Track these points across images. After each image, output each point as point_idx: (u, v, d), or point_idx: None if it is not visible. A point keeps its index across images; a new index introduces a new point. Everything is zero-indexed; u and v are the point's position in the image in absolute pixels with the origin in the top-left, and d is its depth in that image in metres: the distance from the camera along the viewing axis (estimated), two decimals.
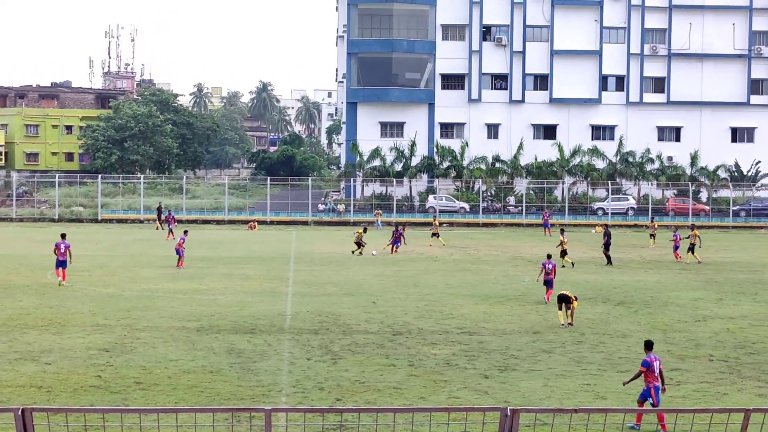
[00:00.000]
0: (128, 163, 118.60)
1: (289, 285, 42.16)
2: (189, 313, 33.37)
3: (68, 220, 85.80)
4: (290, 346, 27.91)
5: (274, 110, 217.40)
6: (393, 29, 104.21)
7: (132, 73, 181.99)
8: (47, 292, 38.82)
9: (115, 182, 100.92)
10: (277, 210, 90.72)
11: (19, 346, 27.38)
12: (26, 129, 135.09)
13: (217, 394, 22.24)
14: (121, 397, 21.79)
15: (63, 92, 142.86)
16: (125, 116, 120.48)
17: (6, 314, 32.78)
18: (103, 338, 28.72)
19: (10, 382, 23.15)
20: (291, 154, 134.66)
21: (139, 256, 54.49)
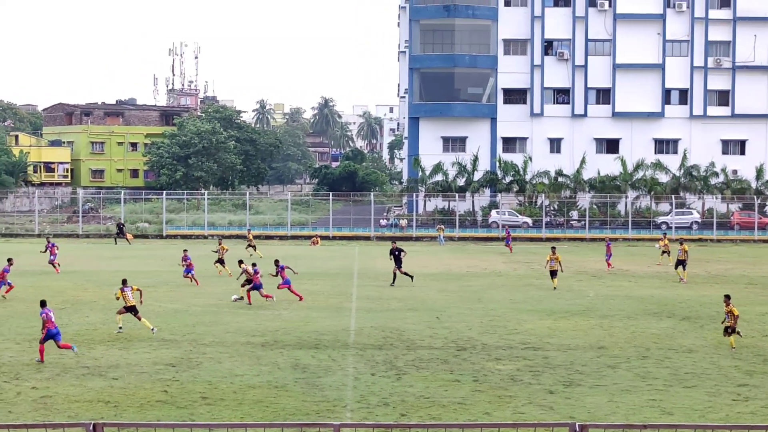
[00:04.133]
0: (192, 180, 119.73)
1: (352, 300, 42.26)
2: (254, 329, 33.56)
3: (134, 236, 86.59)
4: (355, 362, 27.95)
5: (336, 126, 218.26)
6: (455, 44, 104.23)
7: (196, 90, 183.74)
8: (114, 307, 39.14)
9: (179, 198, 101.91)
10: (339, 225, 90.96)
11: (87, 361, 27.70)
12: (92, 146, 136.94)
13: (282, 409, 22.33)
14: (187, 413, 21.96)
15: (128, 110, 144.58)
16: (189, 133, 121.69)
17: (74, 329, 33.18)
18: (169, 353, 28.97)
19: (78, 397, 23.42)
20: (353, 170, 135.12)
21: (203, 272, 54.83)
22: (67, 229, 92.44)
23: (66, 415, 21.62)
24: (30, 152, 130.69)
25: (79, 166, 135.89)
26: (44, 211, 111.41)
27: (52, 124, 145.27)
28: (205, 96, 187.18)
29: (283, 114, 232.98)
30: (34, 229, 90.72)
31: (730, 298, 31.03)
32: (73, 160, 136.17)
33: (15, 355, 28.41)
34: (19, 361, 27.52)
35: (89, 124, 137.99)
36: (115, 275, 51.23)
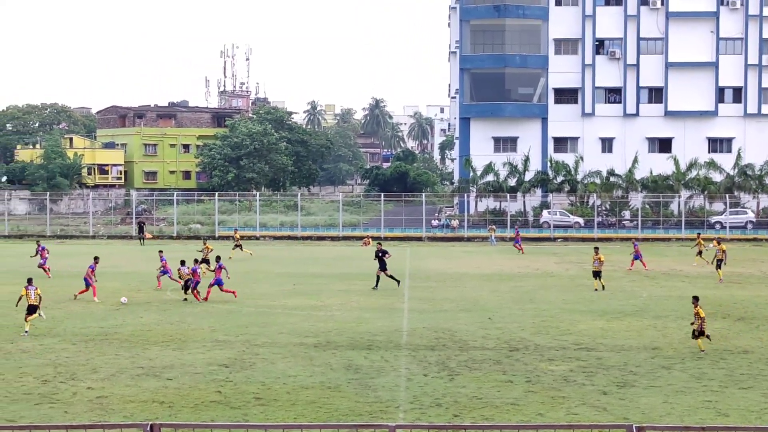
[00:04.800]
0: (244, 181, 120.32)
1: (404, 301, 42.27)
2: (307, 329, 33.68)
3: (186, 237, 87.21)
4: (407, 362, 27.97)
5: (387, 126, 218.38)
6: (505, 44, 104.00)
7: (247, 91, 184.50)
8: (168, 308, 39.56)
9: (231, 200, 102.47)
10: (390, 226, 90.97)
11: (142, 361, 27.92)
12: (145, 148, 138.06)
13: (335, 410, 22.40)
14: (241, 413, 22.08)
15: (180, 112, 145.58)
16: (241, 135, 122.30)
17: (129, 330, 33.48)
18: (223, 354, 29.13)
19: (133, 397, 23.63)
20: (404, 170, 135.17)
21: (255, 273, 55.14)
22: (120, 231, 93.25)
23: (121, 415, 21.82)
24: (84, 154, 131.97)
25: (133, 168, 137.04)
26: (98, 212, 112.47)
27: (106, 126, 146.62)
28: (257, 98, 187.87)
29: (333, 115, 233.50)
30: (89, 231, 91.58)
31: (699, 299, 30.58)
32: (126, 162, 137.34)
33: (71, 356, 28.69)
34: (75, 362, 27.80)
35: (142, 126, 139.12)
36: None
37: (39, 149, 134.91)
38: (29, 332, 32.42)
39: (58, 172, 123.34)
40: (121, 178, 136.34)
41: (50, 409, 22.37)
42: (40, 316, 33.60)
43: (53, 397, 23.55)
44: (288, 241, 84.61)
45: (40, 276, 52.04)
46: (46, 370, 26.60)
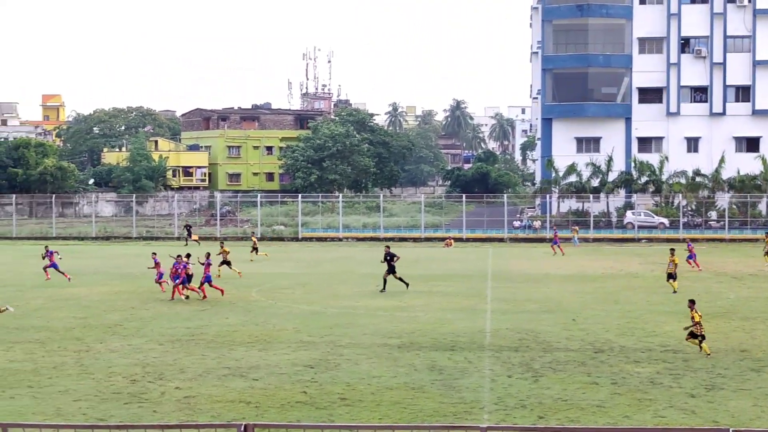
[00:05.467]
0: (327, 182, 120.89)
1: (487, 302, 42.19)
2: (390, 330, 33.76)
3: (270, 239, 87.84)
4: (491, 363, 27.92)
5: (468, 127, 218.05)
6: (588, 44, 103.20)
7: (329, 93, 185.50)
8: (253, 309, 39.91)
9: (314, 201, 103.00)
10: (472, 227, 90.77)
11: (228, 362, 28.20)
12: (229, 150, 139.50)
13: (420, 410, 22.43)
14: (326, 413, 22.21)
15: (263, 114, 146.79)
16: (323, 136, 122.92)
17: (214, 331, 33.84)
18: (308, 355, 29.32)
19: (220, 397, 23.88)
20: (485, 171, 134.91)
21: (339, 274, 55.40)
22: (205, 232, 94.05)
23: (209, 415, 22.07)
24: (169, 157, 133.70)
25: (216, 170, 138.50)
26: (183, 214, 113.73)
27: (190, 129, 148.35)
28: (338, 99, 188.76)
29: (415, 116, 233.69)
30: (174, 233, 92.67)
31: (695, 303, 30.04)
32: (210, 164, 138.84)
33: (159, 356, 29.08)
34: (163, 362, 28.16)
35: (226, 128, 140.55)
36: (253, 277, 52.19)
37: (125, 152, 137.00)
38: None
39: (144, 174, 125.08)
40: (205, 180, 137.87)
41: (139, 408, 22.69)
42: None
43: (142, 396, 23.89)
44: (370, 242, 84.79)
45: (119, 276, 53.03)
46: (135, 370, 27.00)
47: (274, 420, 21.40)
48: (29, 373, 26.59)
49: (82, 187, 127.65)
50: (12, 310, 36.70)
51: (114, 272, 52.68)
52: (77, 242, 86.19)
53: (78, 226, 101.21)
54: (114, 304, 40.88)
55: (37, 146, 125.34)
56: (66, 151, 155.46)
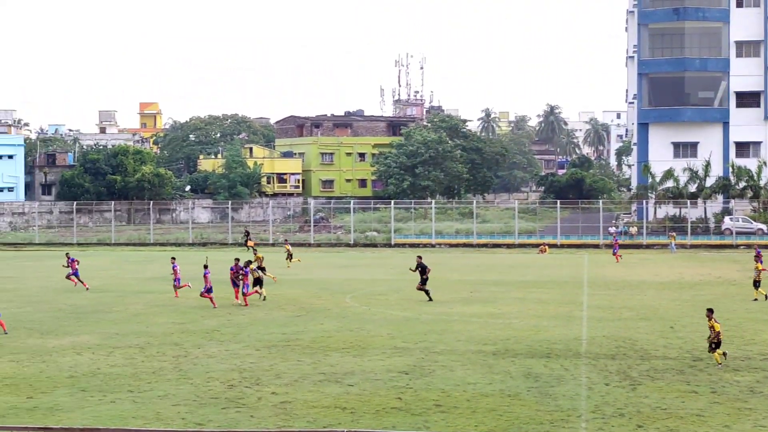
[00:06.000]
0: (419, 189, 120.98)
1: (583, 309, 41.84)
2: (485, 337, 33.66)
3: (363, 245, 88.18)
4: (587, 371, 27.68)
5: (562, 133, 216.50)
6: (685, 48, 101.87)
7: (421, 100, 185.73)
8: (347, 315, 40.08)
9: (407, 207, 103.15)
10: (567, 233, 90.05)
11: (323, 367, 28.34)
12: (322, 157, 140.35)
13: (516, 418, 22.31)
14: (421, 420, 22.20)
15: (356, 121, 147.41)
16: (416, 143, 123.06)
17: (310, 337, 34.04)
18: (402, 361, 29.35)
19: (315, 402, 24.00)
20: (580, 177, 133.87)
21: (432, 280, 55.13)
22: (299, 239, 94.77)
23: (305, 420, 22.20)
24: (263, 164, 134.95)
25: (310, 177, 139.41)
26: (277, 220, 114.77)
27: (284, 136, 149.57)
28: (431, 106, 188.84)
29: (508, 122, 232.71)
30: (269, 239, 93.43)
31: (713, 312, 29.29)
32: (304, 170, 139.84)
33: (255, 361, 29.34)
34: (260, 367, 28.41)
35: (319, 135, 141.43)
36: (347, 283, 52.44)
37: (220, 159, 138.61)
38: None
39: (239, 181, 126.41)
40: (299, 187, 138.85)
41: (237, 413, 22.91)
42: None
43: (239, 401, 24.12)
44: (463, 249, 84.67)
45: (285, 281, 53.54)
46: (232, 375, 27.28)
47: (369, 426, 21.44)
48: (129, 378, 27.02)
49: (179, 193, 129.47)
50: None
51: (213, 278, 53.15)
52: (174, 248, 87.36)
53: (175, 232, 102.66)
54: (211, 310, 41.36)
55: (135, 153, 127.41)
56: (163, 158, 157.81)
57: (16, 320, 38.66)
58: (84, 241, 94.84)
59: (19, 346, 32.34)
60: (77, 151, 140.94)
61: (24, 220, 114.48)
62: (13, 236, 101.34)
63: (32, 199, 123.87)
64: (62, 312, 41.45)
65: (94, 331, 35.80)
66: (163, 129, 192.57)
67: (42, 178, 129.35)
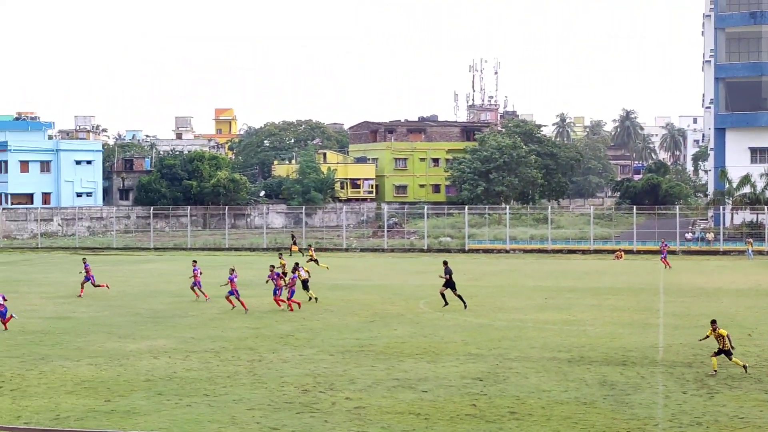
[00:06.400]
0: (493, 194, 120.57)
1: (659, 316, 41.40)
2: (559, 344, 33.46)
3: (436, 251, 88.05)
4: (664, 379, 27.40)
5: (638, 138, 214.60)
6: (762, 52, 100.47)
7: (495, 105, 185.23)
8: (421, 321, 40.08)
9: (481, 213, 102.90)
10: (643, 239, 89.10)
11: (397, 373, 28.35)
12: (395, 162, 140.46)
13: (591, 426, 22.14)
14: (496, 427, 22.13)
15: (430, 126, 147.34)
16: (490, 148, 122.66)
17: (383, 342, 34.08)
18: (476, 367, 29.27)
19: (389, 408, 24.03)
20: (656, 182, 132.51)
21: (506, 287, 55.18)
22: (372, 244, 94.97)
23: (379, 426, 22.22)
24: (337, 169, 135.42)
25: (383, 182, 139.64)
26: (350, 226, 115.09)
27: (358, 141, 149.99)
28: (505, 111, 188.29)
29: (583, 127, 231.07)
30: (342, 244, 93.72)
31: (716, 322, 28.87)
32: (377, 176, 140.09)
33: (329, 367, 29.45)
34: (334, 372, 28.50)
35: (393, 141, 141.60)
36: (421, 289, 52.44)
37: (294, 164, 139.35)
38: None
39: (313, 186, 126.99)
40: (373, 192, 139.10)
41: (311, 418, 23.01)
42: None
43: (313, 406, 24.22)
44: (538, 255, 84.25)
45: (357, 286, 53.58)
46: (306, 380, 27.40)
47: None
48: (205, 382, 27.25)
49: (254, 198, 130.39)
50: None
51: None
52: (249, 253, 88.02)
53: (250, 237, 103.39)
54: (285, 315, 41.58)
55: (210, 159, 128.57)
56: (238, 163, 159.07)
57: (94, 324, 39.25)
58: (160, 245, 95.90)
59: (98, 350, 32.79)
60: (154, 157, 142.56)
61: (102, 225, 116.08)
62: (91, 241, 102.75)
63: (110, 204, 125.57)
64: (140, 316, 41.95)
65: (171, 335, 36.19)
66: (238, 135, 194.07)
67: (120, 184, 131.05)
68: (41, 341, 34.77)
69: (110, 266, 70.44)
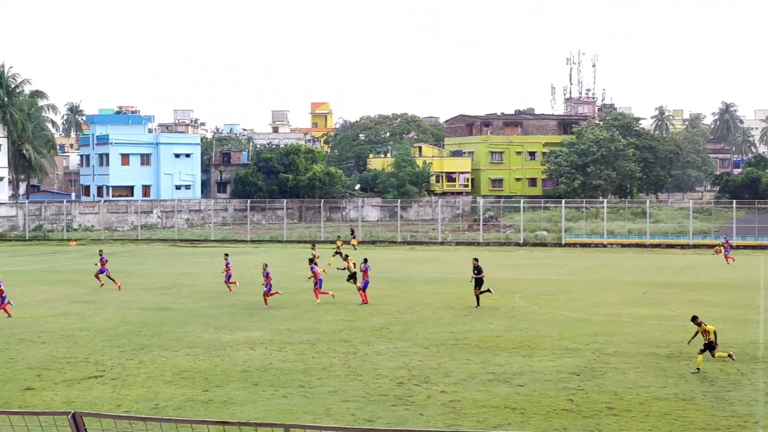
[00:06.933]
0: (590, 188, 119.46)
1: (759, 312, 40.60)
2: (657, 339, 32.97)
3: (532, 244, 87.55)
4: (765, 376, 26.85)
5: (738, 131, 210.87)
6: None
7: (593, 98, 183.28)
8: (516, 315, 39.81)
9: (578, 207, 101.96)
10: (743, 234, 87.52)
11: (492, 367, 28.17)
12: (491, 156, 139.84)
13: (690, 423, 21.77)
14: (593, 422, 21.85)
15: (526, 119, 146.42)
16: (587, 141, 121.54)
17: (478, 336, 33.91)
18: (573, 362, 28.97)
19: (484, 402, 23.88)
20: (756, 177, 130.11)
21: (603, 281, 54.55)
22: (467, 237, 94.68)
23: (474, 420, 22.10)
24: (432, 162, 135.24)
25: (479, 176, 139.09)
26: (446, 219, 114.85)
27: (453, 135, 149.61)
28: (603, 104, 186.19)
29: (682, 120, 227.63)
30: (437, 237, 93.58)
31: (698, 318, 28.56)
32: (473, 169, 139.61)
33: (423, 360, 29.39)
34: (428, 366, 28.43)
35: (488, 134, 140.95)
36: (516, 283, 52.12)
37: (390, 158, 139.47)
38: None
39: (408, 179, 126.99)
40: (468, 186, 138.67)
41: (405, 411, 22.96)
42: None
43: (408, 399, 24.17)
44: (635, 249, 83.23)
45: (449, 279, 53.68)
46: (401, 373, 27.37)
47: (539, 428, 21.23)
48: (300, 373, 27.38)
49: (349, 192, 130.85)
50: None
51: (379, 276, 53.57)
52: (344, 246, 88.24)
53: (344, 230, 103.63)
54: (379, 308, 41.59)
55: (306, 152, 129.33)
56: (333, 157, 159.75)
57: (192, 315, 39.71)
58: (257, 238, 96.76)
59: (195, 341, 33.16)
60: (251, 150, 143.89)
61: (200, 217, 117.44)
62: (189, 233, 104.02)
63: (208, 197, 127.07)
64: (236, 308, 42.33)
65: (266, 326, 36.44)
66: (334, 128, 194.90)
67: (217, 177, 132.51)
68: (141, 332, 35.27)
69: (208, 258, 71.22)
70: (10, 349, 31.71)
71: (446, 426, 21.36)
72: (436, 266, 64.51)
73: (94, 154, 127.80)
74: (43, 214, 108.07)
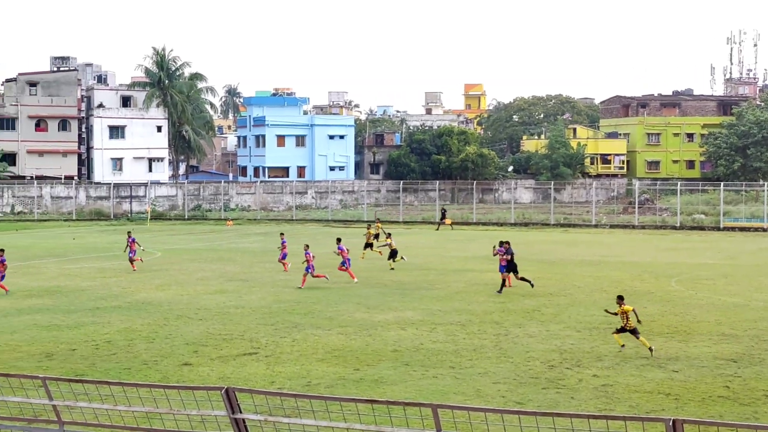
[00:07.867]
0: (751, 171, 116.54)
1: None
2: None
3: (689, 228, 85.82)
4: None
5: None
6: None
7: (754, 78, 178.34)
8: (672, 299, 39.01)
9: (737, 190, 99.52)
10: None
11: (646, 351, 27.57)
12: (647, 138, 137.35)
13: None
14: (751, 410, 21.25)
15: (684, 100, 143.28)
16: (748, 123, 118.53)
17: None
18: (730, 348, 28.24)
19: (638, 387, 23.45)
20: None
21: (763, 266, 53.07)
22: (622, 220, 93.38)
23: (627, 404, 21.72)
24: (587, 144, 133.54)
25: (635, 158, 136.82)
26: (600, 202, 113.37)
27: (609, 116, 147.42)
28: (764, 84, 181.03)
29: None
30: (591, 220, 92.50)
31: (623, 298, 27.64)
32: (628, 151, 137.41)
33: (576, 343, 29.03)
34: (580, 349, 28.07)
35: (645, 115, 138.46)
36: (672, 267, 51.13)
37: (543, 139, 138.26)
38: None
39: (562, 161, 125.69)
40: (624, 168, 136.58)
41: (557, 394, 22.71)
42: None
43: (559, 382, 23.90)
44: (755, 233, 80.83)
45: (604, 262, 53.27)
46: (552, 356, 27.09)
47: (694, 414, 20.72)
48: (451, 354, 27.33)
49: (502, 174, 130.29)
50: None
51: (532, 258, 53.20)
52: (496, 228, 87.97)
53: (497, 212, 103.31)
54: (531, 290, 41.15)
55: (459, 134, 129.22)
56: (486, 138, 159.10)
57: (344, 294, 40.04)
58: (409, 219, 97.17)
59: (347, 320, 33.43)
60: (404, 132, 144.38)
61: (353, 198, 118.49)
62: (343, 213, 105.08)
63: (361, 178, 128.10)
64: (387, 288, 42.52)
65: (418, 307, 36.51)
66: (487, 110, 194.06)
67: (371, 158, 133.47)
68: (294, 310, 35.73)
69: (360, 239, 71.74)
70: (169, 325, 32.50)
71: (598, 410, 21.04)
72: (589, 249, 63.73)
73: (251, 135, 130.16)
74: (202, 194, 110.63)
